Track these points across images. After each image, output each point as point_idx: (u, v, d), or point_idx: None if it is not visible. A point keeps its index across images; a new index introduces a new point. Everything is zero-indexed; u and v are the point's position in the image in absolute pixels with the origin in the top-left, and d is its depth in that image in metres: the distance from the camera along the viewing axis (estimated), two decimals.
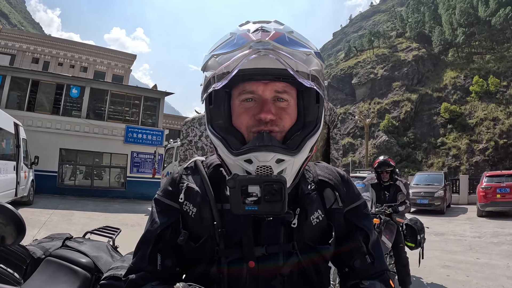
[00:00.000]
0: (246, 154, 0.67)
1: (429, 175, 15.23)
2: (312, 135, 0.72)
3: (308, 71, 0.69)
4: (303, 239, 0.74)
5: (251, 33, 0.69)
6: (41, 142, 12.92)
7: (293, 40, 0.70)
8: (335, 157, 5.26)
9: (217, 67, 0.70)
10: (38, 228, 6.45)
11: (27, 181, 9.80)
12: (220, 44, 0.73)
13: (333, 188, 0.82)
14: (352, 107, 55.52)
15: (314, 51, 0.72)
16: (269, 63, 0.67)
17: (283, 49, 0.67)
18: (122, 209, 11.23)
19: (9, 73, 14.38)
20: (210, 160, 0.85)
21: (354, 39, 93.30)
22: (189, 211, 0.77)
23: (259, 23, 0.73)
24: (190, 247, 0.76)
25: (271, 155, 0.66)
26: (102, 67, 28.99)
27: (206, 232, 0.74)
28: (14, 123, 9.07)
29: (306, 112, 0.74)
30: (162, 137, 16.35)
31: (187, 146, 5.81)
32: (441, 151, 43.04)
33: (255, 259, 0.71)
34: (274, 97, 0.72)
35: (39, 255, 1.47)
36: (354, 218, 0.83)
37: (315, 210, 0.77)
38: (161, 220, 0.79)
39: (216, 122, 0.74)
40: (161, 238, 0.78)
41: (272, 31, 0.69)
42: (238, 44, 0.68)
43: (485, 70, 47.79)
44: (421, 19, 65.05)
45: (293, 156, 0.69)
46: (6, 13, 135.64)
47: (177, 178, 0.82)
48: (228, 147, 0.70)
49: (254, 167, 0.67)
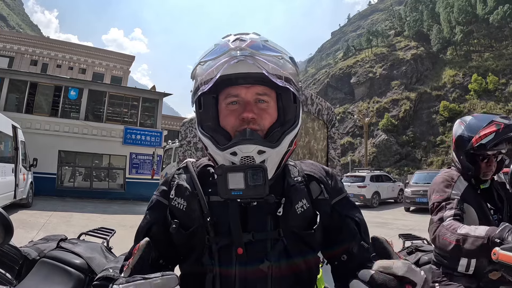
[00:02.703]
0: (231, 148, 0.76)
1: (428, 174, 15.21)
2: (290, 130, 0.81)
3: (282, 73, 0.77)
4: (288, 226, 0.80)
5: (230, 42, 0.79)
6: (39, 144, 12.88)
7: (267, 47, 0.80)
8: (333, 157, 5.21)
9: (203, 74, 0.79)
10: (37, 230, 6.44)
11: (26, 183, 9.78)
12: (205, 54, 0.82)
13: (319, 181, 0.89)
14: (351, 106, 55.60)
15: (288, 56, 0.82)
16: (248, 68, 0.76)
17: (259, 54, 0.76)
18: (121, 210, 11.22)
19: (7, 75, 14.34)
20: (200, 162, 0.94)
21: (352, 38, 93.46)
22: (179, 205, 0.85)
23: (239, 35, 0.82)
24: (181, 236, 0.82)
25: (253, 146, 0.75)
26: (101, 68, 28.99)
27: (196, 222, 0.81)
28: (12, 126, 9.06)
29: (286, 111, 0.83)
30: (161, 138, 16.34)
31: (186, 147, 5.81)
32: (440, 150, 43.13)
33: (243, 245, 0.77)
34: (256, 99, 0.81)
35: (34, 256, 1.48)
36: (343, 209, 0.89)
37: (300, 199, 0.83)
38: (150, 216, 0.89)
39: (205, 124, 0.83)
40: (148, 232, 0.87)
41: (247, 40, 0.79)
42: (219, 52, 0.78)
43: (484, 68, 47.92)
44: (419, 18, 65.18)
45: (273, 148, 0.78)
46: (5, 15, 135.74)
47: (169, 178, 0.91)
48: (216, 144, 0.79)
49: (238, 158, 0.76)
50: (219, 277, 0.78)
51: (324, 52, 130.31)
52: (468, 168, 1.64)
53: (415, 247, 1.96)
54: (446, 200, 1.56)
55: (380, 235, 0.86)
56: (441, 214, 1.51)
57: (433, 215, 1.58)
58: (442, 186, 1.63)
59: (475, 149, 1.59)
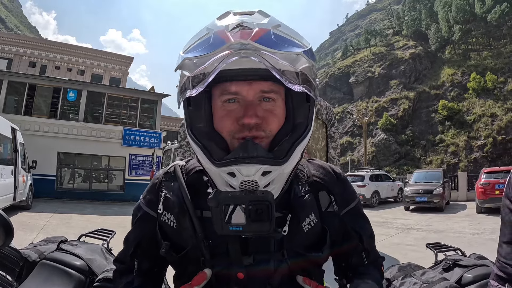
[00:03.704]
0: (229, 167, 0.62)
1: (427, 173, 15.25)
2: (302, 139, 0.66)
3: (296, 69, 0.61)
4: (294, 247, 0.71)
5: (229, 32, 0.61)
6: (39, 146, 12.86)
7: (280, 37, 0.63)
8: (332, 156, 5.16)
9: (193, 68, 0.62)
10: (37, 232, 6.44)
11: (26, 185, 9.76)
12: (195, 42, 0.65)
13: (328, 191, 0.78)
14: (350, 106, 55.64)
15: (303, 50, 0.64)
16: (252, 64, 0.60)
17: (268, 49, 0.59)
18: (121, 211, 11.19)
19: (6, 77, 14.32)
20: (190, 165, 0.81)
21: (351, 38, 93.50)
22: (168, 221, 0.75)
23: (240, 15, 0.65)
24: (173, 258, 0.75)
25: (256, 168, 0.60)
26: (99, 70, 28.97)
27: (189, 242, 0.72)
28: (11, 128, 9.04)
29: (296, 112, 0.67)
30: (160, 139, 16.32)
31: (186, 148, 5.80)
32: (439, 148, 43.19)
33: (243, 270, 0.68)
34: (260, 97, 0.65)
35: (34, 258, 1.47)
36: (351, 221, 0.80)
37: (308, 215, 0.73)
38: (140, 228, 0.82)
39: (196, 125, 0.67)
40: (138, 246, 0.81)
41: (254, 28, 0.61)
42: (215, 45, 0.61)
43: (482, 67, 48.01)
44: (417, 17, 65.26)
45: (280, 165, 0.63)
46: (3, 17, 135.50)
47: (156, 184, 0.81)
48: (210, 156, 0.64)
49: (237, 181, 0.62)
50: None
51: (322, 52, 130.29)
52: None
53: (452, 261, 1.55)
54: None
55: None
56: None
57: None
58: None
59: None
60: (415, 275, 1.35)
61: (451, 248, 1.78)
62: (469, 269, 1.46)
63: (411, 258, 4.14)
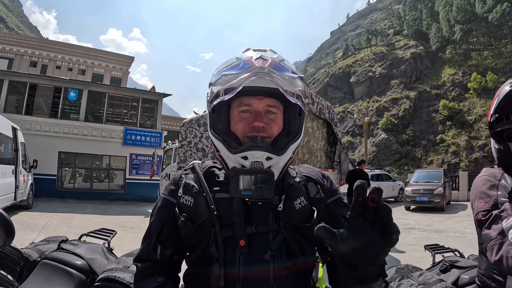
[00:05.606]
0: (243, 152, 0.85)
1: (428, 172, 15.22)
2: (294, 140, 0.91)
3: (294, 90, 0.88)
4: (287, 220, 0.88)
5: (254, 60, 0.89)
6: (39, 145, 12.87)
7: (284, 67, 0.90)
8: (346, 163, 5.43)
9: (224, 84, 0.88)
10: (37, 232, 6.44)
11: (26, 185, 9.77)
12: (227, 66, 0.92)
13: (316, 182, 0.99)
14: (351, 105, 55.58)
15: (298, 76, 0.91)
16: (265, 83, 0.85)
17: (277, 73, 0.86)
18: (121, 211, 11.22)
19: (6, 77, 14.32)
20: (205, 164, 1.03)
21: (351, 38, 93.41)
22: (187, 201, 0.92)
23: (258, 51, 0.93)
24: (188, 229, 0.89)
25: (262, 153, 0.85)
26: (100, 69, 28.99)
27: (203, 216, 0.88)
28: (12, 127, 9.05)
29: (291, 123, 0.92)
30: (161, 138, 16.33)
31: (187, 148, 5.77)
32: (440, 148, 43.11)
33: (245, 238, 0.84)
34: (266, 110, 0.90)
35: (35, 257, 1.48)
36: (336, 208, 0.97)
37: (298, 196, 0.92)
38: (161, 215, 0.96)
39: (218, 127, 0.91)
40: (161, 231, 0.95)
41: (269, 60, 0.89)
42: (244, 68, 0.87)
43: (483, 67, 47.90)
44: (418, 17, 65.16)
45: (279, 155, 0.87)
46: (4, 17, 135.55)
47: (177, 178, 1.00)
48: (228, 147, 0.88)
49: (249, 162, 0.85)
50: (224, 267, 0.84)
51: (323, 52, 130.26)
52: (497, 153, 1.25)
53: (449, 262, 1.59)
54: (495, 206, 1.14)
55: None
56: (497, 226, 1.08)
57: (485, 229, 1.13)
58: (485, 188, 1.21)
59: (493, 124, 1.25)
60: (412, 276, 1.37)
61: (449, 249, 1.82)
62: (466, 270, 1.50)
63: (411, 258, 4.14)
